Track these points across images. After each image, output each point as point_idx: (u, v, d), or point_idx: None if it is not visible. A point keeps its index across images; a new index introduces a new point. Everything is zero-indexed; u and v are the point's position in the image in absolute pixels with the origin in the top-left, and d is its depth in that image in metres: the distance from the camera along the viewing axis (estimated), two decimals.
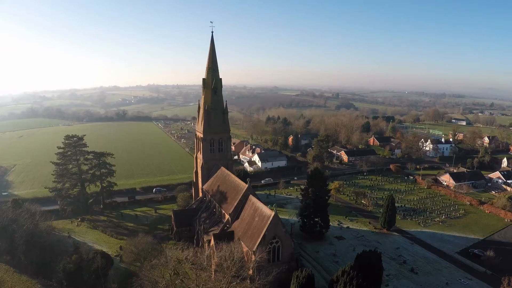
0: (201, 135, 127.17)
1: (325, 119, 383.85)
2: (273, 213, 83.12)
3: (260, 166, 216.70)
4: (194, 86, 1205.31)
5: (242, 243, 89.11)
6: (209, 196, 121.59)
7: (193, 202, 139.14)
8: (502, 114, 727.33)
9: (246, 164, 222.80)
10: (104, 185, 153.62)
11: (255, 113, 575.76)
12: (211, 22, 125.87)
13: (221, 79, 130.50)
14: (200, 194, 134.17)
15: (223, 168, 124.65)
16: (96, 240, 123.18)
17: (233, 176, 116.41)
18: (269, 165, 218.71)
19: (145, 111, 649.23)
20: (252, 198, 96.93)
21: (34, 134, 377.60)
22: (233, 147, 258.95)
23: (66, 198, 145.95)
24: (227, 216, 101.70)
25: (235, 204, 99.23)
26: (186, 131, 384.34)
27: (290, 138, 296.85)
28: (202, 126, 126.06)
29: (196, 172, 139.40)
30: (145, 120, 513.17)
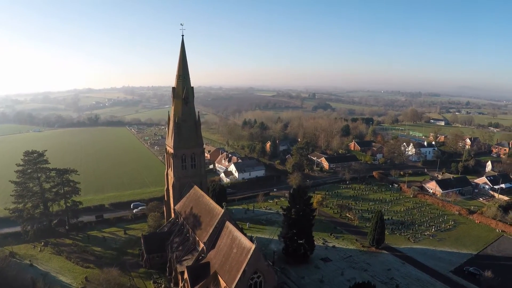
0: (172, 151, 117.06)
1: (303, 122, 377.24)
2: (253, 247, 73.73)
3: (237, 176, 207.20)
4: (169, 88, 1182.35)
5: (220, 277, 79.61)
6: (182, 218, 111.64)
7: (165, 223, 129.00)
8: (479, 113, 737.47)
9: (222, 175, 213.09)
10: (69, 204, 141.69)
11: (231, 115, 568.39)
12: (181, 24, 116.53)
13: (192, 87, 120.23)
14: (172, 215, 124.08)
15: (196, 188, 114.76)
16: (60, 268, 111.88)
17: (207, 197, 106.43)
18: (246, 175, 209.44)
19: (119, 114, 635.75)
20: (229, 225, 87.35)
21: (3, 142, 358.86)
22: (208, 155, 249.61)
23: (28, 220, 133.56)
24: (201, 245, 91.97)
25: (211, 231, 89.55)
26: (160, 137, 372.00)
27: (268, 144, 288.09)
28: (173, 140, 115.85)
29: (168, 190, 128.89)
30: (118, 125, 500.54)
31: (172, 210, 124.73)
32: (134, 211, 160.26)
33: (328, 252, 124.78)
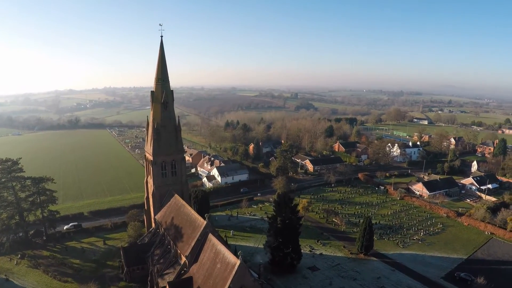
0: (151, 158, 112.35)
1: (286, 123, 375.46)
2: (238, 262, 69.73)
3: (219, 181, 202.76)
4: (151, 88, 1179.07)
5: None
6: (163, 228, 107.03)
7: (146, 233, 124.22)
8: (462, 112, 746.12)
9: (205, 179, 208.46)
10: (46, 215, 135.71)
11: (213, 116, 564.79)
12: (160, 25, 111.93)
13: (172, 91, 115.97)
14: (153, 225, 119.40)
15: (177, 197, 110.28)
16: (37, 283, 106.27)
17: (188, 207, 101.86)
18: (229, 179, 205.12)
19: (101, 116, 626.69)
20: (212, 238, 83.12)
21: None
22: (190, 159, 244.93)
23: (3, 231, 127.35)
24: (183, 258, 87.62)
25: (193, 244, 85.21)
26: (141, 139, 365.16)
27: (251, 146, 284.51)
28: (152, 147, 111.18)
29: (148, 199, 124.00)
30: (99, 127, 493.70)
31: (152, 220, 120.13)
32: (65, 227, 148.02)
33: (316, 260, 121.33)
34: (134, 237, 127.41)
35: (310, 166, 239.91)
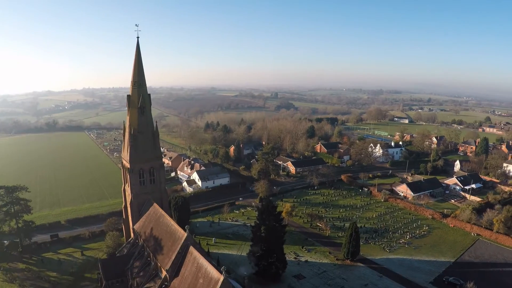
0: (128, 165, 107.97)
1: (267, 124, 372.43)
2: (221, 278, 66.46)
3: (200, 185, 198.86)
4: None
5: None
6: (142, 240, 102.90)
7: (124, 243, 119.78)
8: (442, 110, 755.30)
9: (185, 184, 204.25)
10: (20, 225, 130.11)
11: (193, 117, 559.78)
12: (136, 25, 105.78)
13: (149, 94, 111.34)
14: (132, 235, 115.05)
15: (156, 206, 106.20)
16: None
17: (167, 218, 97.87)
18: (210, 183, 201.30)
19: (79, 118, 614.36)
20: (193, 251, 79.58)
21: None
22: (170, 162, 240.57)
23: None
24: (164, 272, 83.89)
25: (173, 257, 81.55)
26: (119, 142, 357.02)
27: (232, 148, 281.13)
28: (129, 154, 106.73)
29: (126, 208, 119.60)
30: (77, 130, 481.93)
31: (131, 230, 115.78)
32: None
33: (301, 267, 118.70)
34: (112, 248, 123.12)
35: (292, 168, 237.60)
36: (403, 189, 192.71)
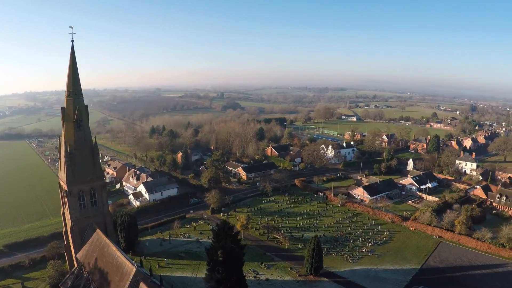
0: (66, 187, 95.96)
1: (214, 126, 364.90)
2: None
3: (147, 198, 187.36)
4: None
5: None
6: (86, 271, 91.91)
7: (68, 273, 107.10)
8: (388, 106, 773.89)
9: (131, 196, 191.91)
10: None
11: (138, 121, 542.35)
12: (71, 27, 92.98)
13: (86, 106, 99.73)
14: (75, 264, 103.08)
15: (99, 232, 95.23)
16: None
17: (113, 248, 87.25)
18: (158, 195, 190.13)
19: (20, 124, 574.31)
20: None
21: None
22: (114, 173, 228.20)
23: None
24: None
25: None
26: None
27: (179, 155, 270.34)
28: (65, 174, 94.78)
29: (66, 233, 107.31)
30: (17, 139, 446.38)
31: (74, 258, 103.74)
32: None
33: None
34: (55, 278, 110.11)
35: (243, 174, 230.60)
36: (359, 192, 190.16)
